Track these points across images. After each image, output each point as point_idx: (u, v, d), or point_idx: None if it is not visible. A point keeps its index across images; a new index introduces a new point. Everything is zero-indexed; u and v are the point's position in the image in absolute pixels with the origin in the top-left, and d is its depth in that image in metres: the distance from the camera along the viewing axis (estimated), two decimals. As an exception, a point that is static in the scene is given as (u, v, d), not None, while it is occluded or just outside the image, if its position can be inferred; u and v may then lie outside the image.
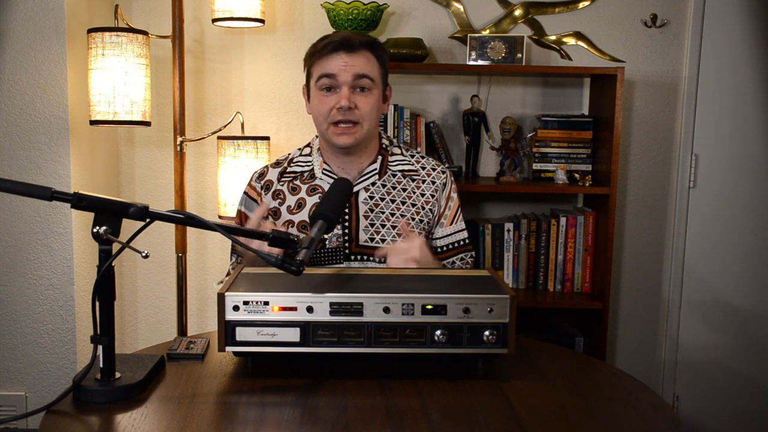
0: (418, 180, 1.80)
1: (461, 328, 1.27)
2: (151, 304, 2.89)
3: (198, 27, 2.76)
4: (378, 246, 1.72)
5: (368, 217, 1.73)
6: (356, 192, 1.75)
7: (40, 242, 2.46)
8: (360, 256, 1.72)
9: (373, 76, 1.70)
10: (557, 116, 2.69)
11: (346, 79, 1.67)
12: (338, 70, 1.67)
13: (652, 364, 2.95)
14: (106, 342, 1.22)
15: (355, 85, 1.69)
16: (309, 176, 1.78)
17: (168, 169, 2.77)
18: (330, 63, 1.68)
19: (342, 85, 1.68)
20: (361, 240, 1.72)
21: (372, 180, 1.77)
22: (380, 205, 1.75)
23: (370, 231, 1.73)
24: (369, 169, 1.77)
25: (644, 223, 2.89)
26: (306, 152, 1.84)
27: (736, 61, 2.79)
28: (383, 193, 1.77)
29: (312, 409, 1.18)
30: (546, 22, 2.79)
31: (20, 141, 2.43)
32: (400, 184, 1.79)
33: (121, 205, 1.19)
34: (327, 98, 1.70)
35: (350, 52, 1.67)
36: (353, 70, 1.67)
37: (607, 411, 1.22)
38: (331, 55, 1.68)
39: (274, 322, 1.26)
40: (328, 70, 1.68)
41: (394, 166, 1.80)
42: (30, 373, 2.53)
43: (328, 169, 1.77)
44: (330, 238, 1.71)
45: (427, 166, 1.84)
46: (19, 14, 2.38)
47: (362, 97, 1.70)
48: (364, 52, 1.69)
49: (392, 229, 1.74)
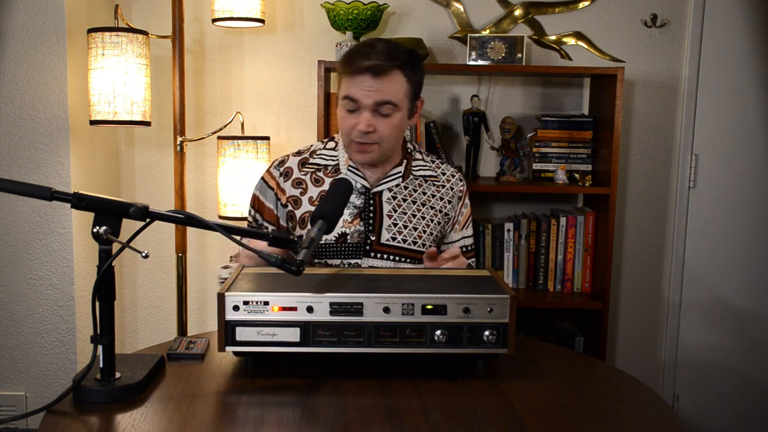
0: (438, 185, 1.83)
1: (461, 328, 1.27)
2: (151, 304, 2.89)
3: (198, 27, 2.76)
4: (399, 246, 1.74)
5: (391, 216, 1.76)
6: (380, 192, 1.77)
7: (40, 242, 2.46)
8: (380, 254, 1.74)
9: (397, 101, 1.67)
10: (557, 116, 2.69)
11: (367, 104, 1.65)
12: (361, 95, 1.65)
13: (652, 364, 2.95)
14: (106, 342, 1.22)
15: (377, 110, 1.67)
16: (333, 170, 1.79)
17: (168, 169, 2.77)
18: (355, 86, 1.65)
19: (363, 109, 1.66)
20: (383, 238, 1.74)
21: (396, 182, 1.79)
22: (402, 206, 1.78)
23: (392, 230, 1.75)
24: (394, 172, 1.80)
25: (644, 223, 2.89)
26: (330, 146, 1.84)
27: (736, 61, 2.79)
28: (405, 194, 1.79)
29: (312, 409, 1.18)
30: (546, 22, 2.79)
31: (20, 141, 2.43)
32: (421, 187, 1.81)
33: (121, 205, 1.19)
34: (349, 117, 1.69)
35: (377, 76, 1.64)
36: (376, 97, 1.65)
37: (607, 411, 1.22)
38: (357, 77, 1.65)
39: (274, 322, 1.26)
40: (352, 94, 1.66)
41: (417, 171, 1.83)
42: (30, 373, 2.53)
43: (353, 167, 1.78)
44: (352, 233, 1.73)
45: (447, 172, 1.87)
46: (19, 14, 2.38)
47: (383, 121, 1.68)
48: (394, 75, 1.66)
49: (414, 231, 1.76)
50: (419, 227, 1.77)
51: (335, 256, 1.73)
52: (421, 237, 1.76)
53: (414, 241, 1.76)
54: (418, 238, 1.76)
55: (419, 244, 1.76)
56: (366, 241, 1.73)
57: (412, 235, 1.76)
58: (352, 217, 1.73)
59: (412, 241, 1.75)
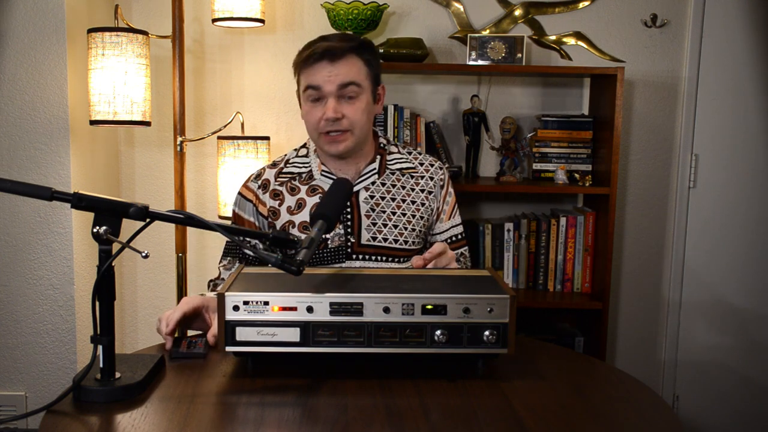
0: (417, 177, 1.80)
1: (461, 328, 1.27)
2: (151, 304, 2.89)
3: (198, 27, 2.76)
4: (381, 245, 1.72)
5: (370, 216, 1.74)
6: (357, 192, 1.75)
7: (40, 242, 2.46)
8: (362, 255, 1.72)
9: (359, 82, 1.67)
10: (557, 116, 2.69)
11: (331, 90, 1.65)
12: (322, 81, 1.65)
13: (652, 364, 2.95)
14: (106, 342, 1.22)
15: (342, 94, 1.66)
16: (307, 177, 1.78)
17: (168, 169, 2.77)
18: (314, 74, 1.66)
19: (328, 96, 1.66)
20: (364, 239, 1.72)
21: (372, 179, 1.77)
22: (381, 204, 1.75)
23: (372, 230, 1.73)
24: (368, 169, 1.77)
25: (644, 223, 2.89)
26: (302, 153, 1.84)
27: (736, 61, 2.79)
28: (383, 191, 1.77)
29: (312, 409, 1.18)
30: (546, 22, 2.79)
31: (20, 141, 2.43)
32: (399, 182, 1.78)
33: (121, 205, 1.19)
34: (315, 109, 1.69)
35: (334, 60, 1.64)
36: (338, 80, 1.65)
37: (607, 411, 1.22)
38: (315, 66, 1.66)
39: (274, 322, 1.26)
40: (312, 82, 1.66)
41: (393, 164, 1.80)
42: (30, 373, 2.53)
43: (326, 170, 1.77)
44: (332, 237, 1.71)
45: (425, 162, 1.84)
46: (19, 14, 2.38)
47: (350, 105, 1.67)
48: (350, 57, 1.66)
49: (394, 228, 1.74)
50: (399, 224, 1.74)
51: (317, 263, 1.71)
52: (403, 234, 1.74)
53: (395, 239, 1.73)
54: (400, 235, 1.74)
55: (401, 241, 1.74)
56: (347, 244, 1.72)
57: (392, 233, 1.73)
58: None
59: (393, 239, 1.73)
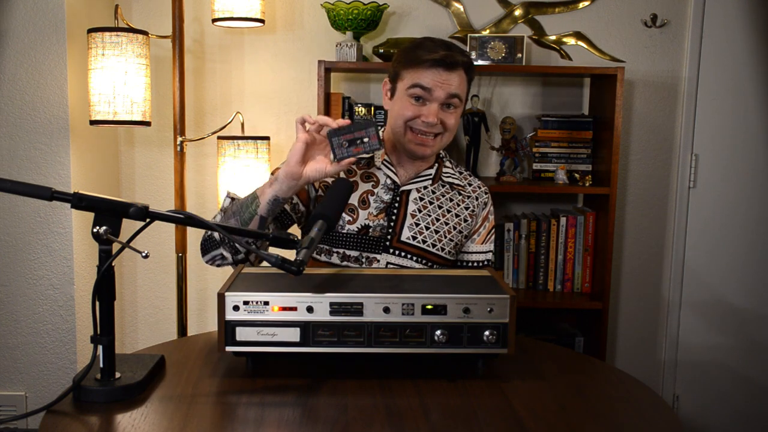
0: (464, 195, 1.85)
1: (461, 328, 1.27)
2: (151, 304, 2.89)
3: (198, 27, 2.76)
4: (419, 246, 1.75)
5: (415, 216, 1.77)
6: (408, 190, 1.78)
7: (40, 242, 2.46)
8: (399, 251, 1.74)
9: (462, 96, 1.73)
10: (557, 116, 2.69)
11: (439, 96, 1.69)
12: (434, 85, 1.68)
13: (652, 364, 2.95)
14: (106, 342, 1.21)
15: (445, 103, 1.71)
16: (366, 163, 1.80)
17: (168, 169, 2.77)
18: (428, 76, 1.69)
19: (434, 101, 1.70)
20: (404, 236, 1.75)
21: (425, 183, 1.81)
22: (428, 207, 1.79)
23: (414, 230, 1.75)
24: (425, 173, 1.81)
25: (644, 223, 2.89)
26: None
27: (736, 61, 2.79)
28: (432, 198, 1.80)
29: (312, 409, 1.18)
30: (546, 22, 2.79)
31: (20, 141, 2.43)
32: (448, 194, 1.83)
33: (121, 205, 1.19)
34: (414, 106, 1.71)
35: (450, 70, 1.68)
36: (449, 90, 1.69)
37: (607, 411, 1.22)
38: (431, 69, 1.68)
39: (274, 322, 1.26)
40: (423, 83, 1.69)
41: (446, 177, 1.85)
42: (30, 373, 2.53)
43: (388, 161, 1.79)
44: (374, 226, 1.73)
45: (473, 183, 1.89)
46: (19, 14, 2.38)
47: (449, 114, 1.72)
48: (461, 71, 1.71)
49: (434, 234, 1.77)
50: (441, 231, 1.78)
51: (355, 248, 1.73)
52: (441, 241, 1.77)
53: (433, 244, 1.76)
54: (438, 241, 1.77)
55: (438, 247, 1.76)
56: (386, 237, 1.74)
57: (432, 237, 1.77)
58: (378, 211, 1.74)
59: (432, 244, 1.76)
